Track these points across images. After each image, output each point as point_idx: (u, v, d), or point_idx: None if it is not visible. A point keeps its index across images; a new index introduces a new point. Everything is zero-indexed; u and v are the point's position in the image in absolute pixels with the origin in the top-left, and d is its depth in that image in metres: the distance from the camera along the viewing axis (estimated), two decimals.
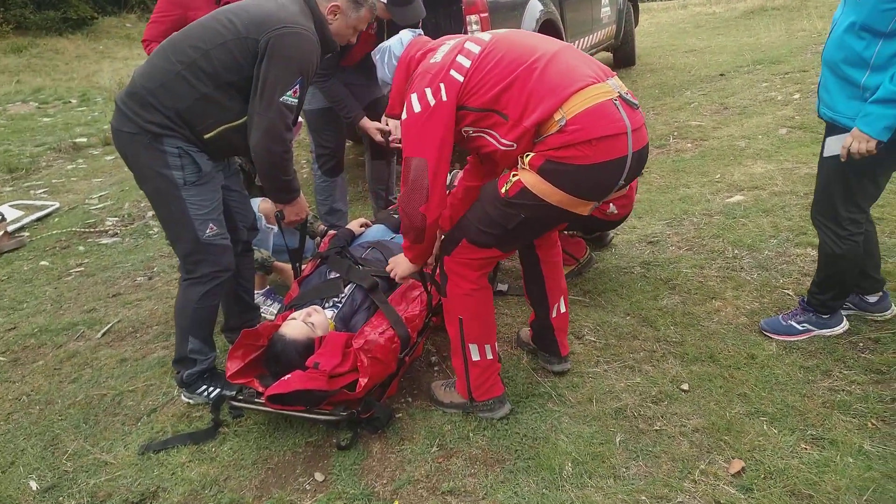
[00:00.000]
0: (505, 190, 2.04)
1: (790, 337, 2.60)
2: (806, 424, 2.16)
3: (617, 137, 1.93)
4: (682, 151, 5.13)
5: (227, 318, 2.94)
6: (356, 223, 3.36)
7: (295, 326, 2.44)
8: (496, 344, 2.34)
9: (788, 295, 2.92)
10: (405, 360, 2.53)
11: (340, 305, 2.65)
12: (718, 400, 2.32)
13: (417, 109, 2.04)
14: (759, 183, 4.19)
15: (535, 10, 5.13)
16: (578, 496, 1.98)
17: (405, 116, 2.09)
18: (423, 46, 2.22)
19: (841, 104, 2.28)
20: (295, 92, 2.29)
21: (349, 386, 2.28)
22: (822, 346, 2.54)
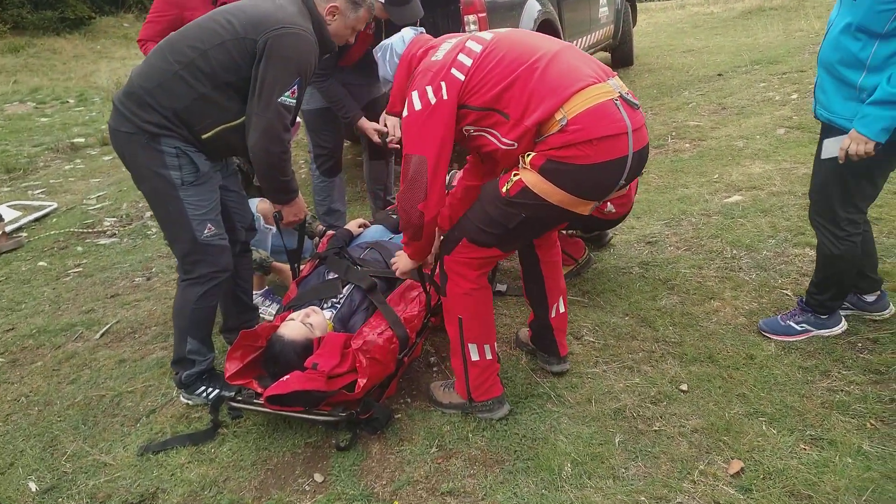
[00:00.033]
0: (506, 189, 2.04)
1: (789, 337, 2.60)
2: (805, 425, 2.16)
3: (618, 137, 1.93)
4: (680, 151, 5.13)
5: (225, 318, 2.94)
6: (354, 223, 3.36)
7: (293, 327, 2.44)
8: (495, 344, 2.34)
9: (787, 295, 2.92)
10: (404, 360, 2.53)
11: (339, 306, 2.65)
12: (717, 400, 2.32)
13: (418, 107, 2.04)
14: (757, 183, 4.20)
15: (532, 10, 5.12)
16: (578, 497, 1.98)
17: (406, 114, 2.09)
18: (424, 44, 2.22)
19: (837, 105, 2.28)
20: (293, 92, 2.29)
21: (348, 387, 2.28)
22: (820, 346, 2.54)
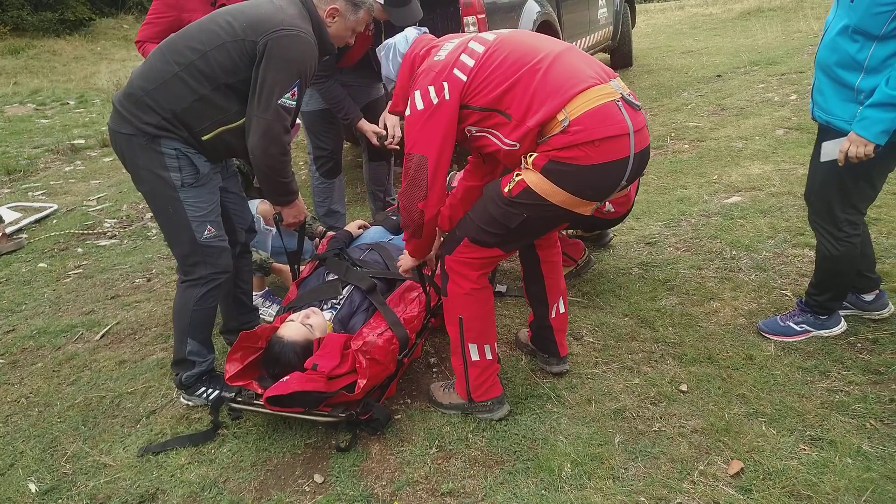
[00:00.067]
0: (508, 189, 2.05)
1: (788, 338, 2.61)
2: (804, 425, 2.16)
3: (619, 139, 1.94)
4: (679, 152, 5.14)
5: (225, 319, 2.94)
6: (354, 225, 3.37)
7: (293, 328, 2.44)
8: (496, 345, 2.34)
9: (786, 296, 2.93)
10: (404, 361, 2.53)
11: (339, 307, 2.65)
12: (717, 401, 2.33)
13: (420, 107, 2.05)
14: (756, 184, 4.20)
15: (532, 11, 5.14)
16: (577, 497, 1.98)
17: (408, 113, 2.11)
18: (427, 44, 2.24)
19: (835, 107, 2.28)
20: (293, 94, 2.29)
21: (348, 387, 2.28)
22: (820, 346, 2.55)
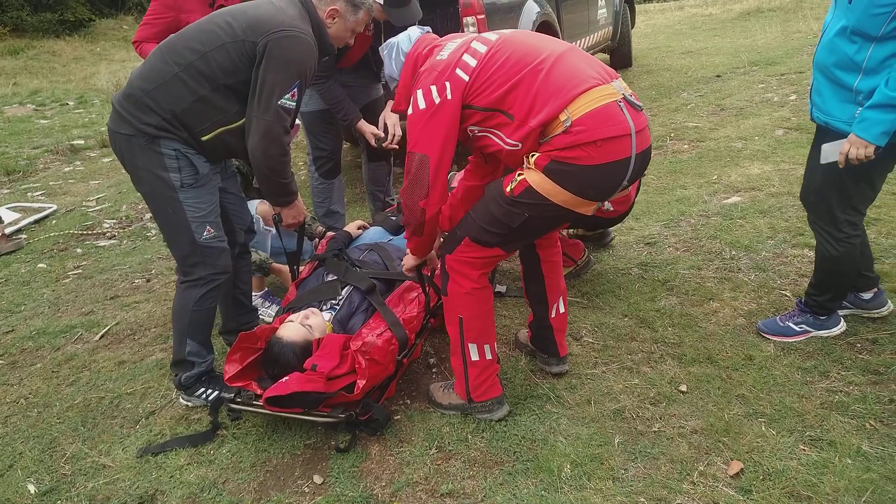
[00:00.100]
0: (510, 189, 2.05)
1: (788, 338, 2.60)
2: (804, 426, 2.16)
3: (621, 139, 1.94)
4: (679, 153, 5.14)
5: (224, 320, 2.93)
6: (354, 225, 3.37)
7: (292, 329, 2.44)
8: (495, 345, 2.34)
9: (786, 296, 2.92)
10: (403, 361, 2.53)
11: (338, 307, 2.65)
12: (717, 401, 2.32)
13: (422, 106, 2.06)
14: (755, 184, 4.20)
15: (531, 11, 5.13)
16: (577, 498, 1.98)
17: (410, 112, 2.12)
18: (430, 43, 2.25)
19: (834, 108, 2.28)
20: (293, 95, 2.30)
21: (347, 388, 2.28)
22: (819, 347, 2.55)
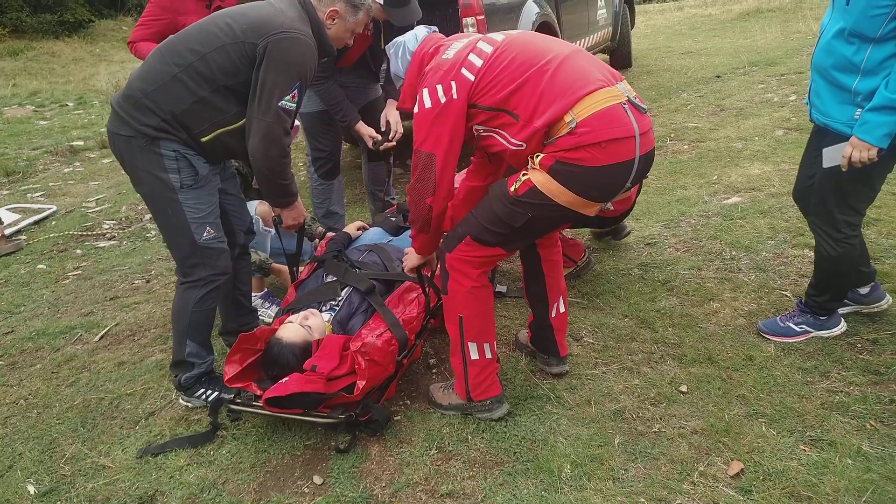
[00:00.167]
0: (514, 189, 2.06)
1: (788, 338, 2.60)
2: (804, 426, 2.16)
3: (625, 141, 1.95)
4: (679, 153, 5.14)
5: (224, 321, 2.93)
6: (353, 226, 3.36)
7: (292, 329, 2.43)
8: (495, 344, 2.34)
9: (786, 296, 2.92)
10: (403, 362, 2.53)
11: (337, 308, 2.65)
12: (717, 401, 2.32)
13: (428, 105, 2.08)
14: (756, 184, 4.20)
15: (531, 12, 5.13)
16: (577, 498, 1.98)
17: (416, 111, 2.13)
18: (436, 42, 2.26)
19: (833, 109, 2.28)
20: (293, 96, 2.30)
21: (347, 388, 2.28)
22: (820, 347, 2.54)
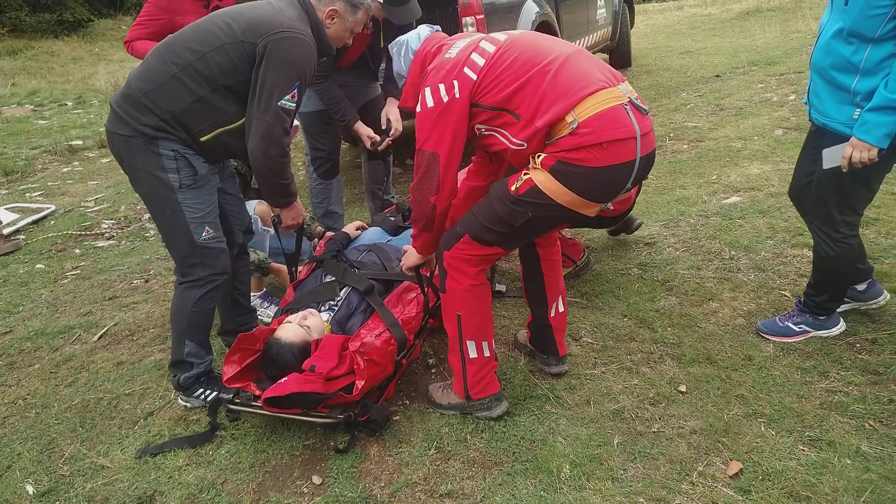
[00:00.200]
0: (515, 188, 2.06)
1: (787, 338, 2.60)
2: (803, 426, 2.16)
3: (626, 142, 1.95)
4: (678, 153, 5.14)
5: (223, 321, 2.93)
6: (352, 226, 3.36)
7: (290, 329, 2.43)
8: (493, 342, 2.34)
9: (785, 296, 2.92)
10: (402, 362, 2.53)
11: (336, 308, 2.64)
12: (716, 401, 2.32)
13: (431, 104, 2.08)
14: (755, 184, 4.20)
15: (531, 11, 5.13)
16: (576, 498, 1.98)
17: (419, 109, 2.13)
18: (439, 41, 2.27)
19: (832, 109, 2.28)
20: (293, 96, 2.29)
21: (346, 388, 2.28)
22: (819, 347, 2.54)
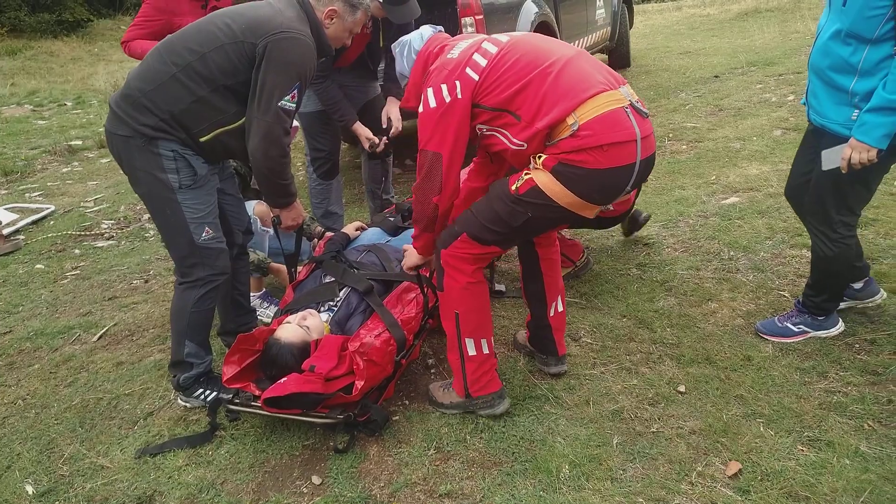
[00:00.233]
0: (515, 187, 2.07)
1: (786, 339, 2.61)
2: (802, 426, 2.16)
3: (627, 144, 1.96)
4: (677, 153, 5.14)
5: (223, 321, 2.93)
6: (352, 227, 3.37)
7: (290, 330, 2.43)
8: (492, 340, 2.34)
9: (784, 296, 2.93)
10: (401, 362, 2.53)
11: (336, 309, 2.64)
12: (715, 402, 2.33)
13: (433, 104, 2.09)
14: (754, 184, 4.21)
15: (530, 12, 5.13)
16: (575, 498, 1.98)
17: (421, 110, 2.14)
18: (441, 42, 2.27)
19: (830, 110, 2.29)
20: (293, 96, 2.30)
21: (345, 389, 2.28)
22: (817, 347, 2.55)
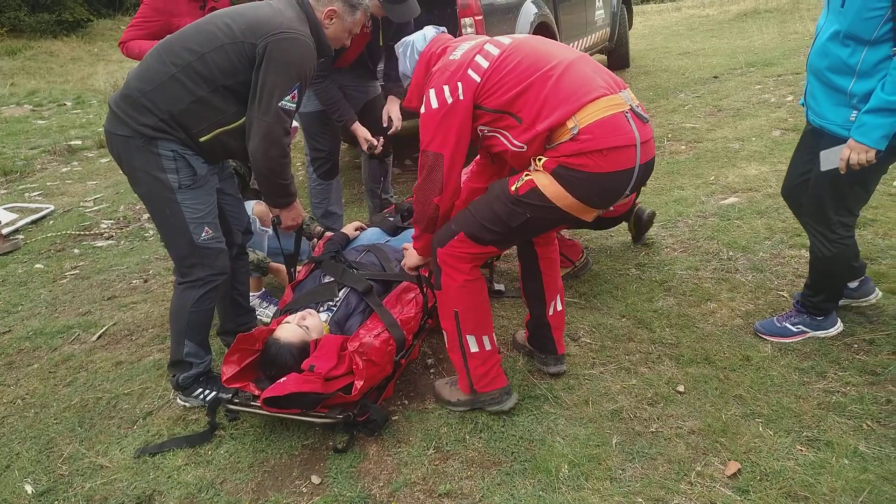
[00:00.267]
0: (515, 188, 2.07)
1: (785, 339, 2.61)
2: (801, 426, 2.16)
3: (626, 149, 1.97)
4: (676, 153, 5.15)
5: (222, 321, 2.93)
6: (351, 227, 3.37)
7: (289, 330, 2.44)
8: (494, 336, 2.34)
9: (783, 297, 2.93)
10: (401, 362, 2.53)
11: (335, 309, 2.65)
12: (714, 402, 2.33)
13: (435, 105, 2.10)
14: (753, 185, 4.21)
15: (529, 12, 5.14)
16: (575, 498, 1.98)
17: (423, 111, 2.15)
18: (444, 43, 2.28)
19: (829, 111, 2.29)
20: (293, 97, 2.30)
21: (345, 388, 2.28)
22: (816, 347, 2.55)
